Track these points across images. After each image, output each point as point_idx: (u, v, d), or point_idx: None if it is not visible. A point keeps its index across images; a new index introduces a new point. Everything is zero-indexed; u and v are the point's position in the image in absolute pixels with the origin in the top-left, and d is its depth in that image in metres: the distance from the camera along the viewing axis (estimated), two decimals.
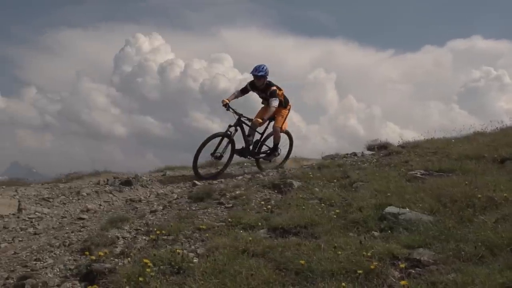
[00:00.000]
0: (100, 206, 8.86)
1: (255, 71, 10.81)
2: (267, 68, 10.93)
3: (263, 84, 10.90)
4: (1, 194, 9.26)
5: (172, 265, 4.29)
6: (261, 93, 11.17)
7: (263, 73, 10.80)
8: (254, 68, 10.84)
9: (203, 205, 6.95)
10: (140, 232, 5.84)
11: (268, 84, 10.94)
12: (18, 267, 5.54)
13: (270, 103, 10.72)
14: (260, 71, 10.78)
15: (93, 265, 4.58)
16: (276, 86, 11.04)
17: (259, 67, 10.82)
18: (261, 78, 10.84)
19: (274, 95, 10.76)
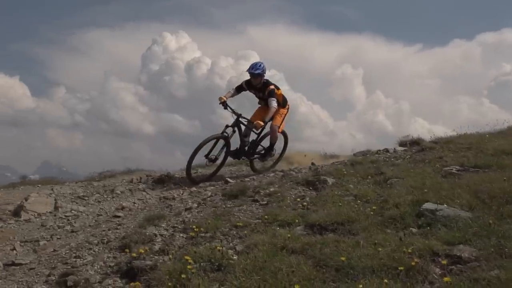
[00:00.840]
0: (135, 204, 8.94)
1: (251, 69, 10.26)
2: (265, 66, 10.43)
3: (260, 83, 10.39)
4: (38, 192, 9.41)
5: (212, 262, 4.32)
6: (258, 92, 10.68)
7: (260, 71, 10.22)
8: (250, 65, 10.34)
9: (237, 202, 6.97)
10: (177, 229, 5.89)
11: (265, 83, 10.43)
12: (59, 264, 5.64)
13: (269, 103, 10.19)
14: (257, 69, 10.21)
15: (134, 262, 4.64)
16: (274, 85, 10.53)
17: (256, 65, 10.30)
18: (258, 77, 10.28)
19: (272, 94, 10.23)
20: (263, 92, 10.40)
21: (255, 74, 10.22)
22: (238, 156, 10.76)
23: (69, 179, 12.87)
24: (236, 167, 12.38)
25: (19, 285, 5.26)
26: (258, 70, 10.19)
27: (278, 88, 10.64)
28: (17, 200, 9.36)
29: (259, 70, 10.19)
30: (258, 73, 10.21)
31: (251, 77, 10.36)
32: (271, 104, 10.10)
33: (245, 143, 10.66)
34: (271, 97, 10.16)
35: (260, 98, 10.80)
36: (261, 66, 10.26)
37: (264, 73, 10.37)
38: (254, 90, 10.67)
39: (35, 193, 9.29)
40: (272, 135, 10.81)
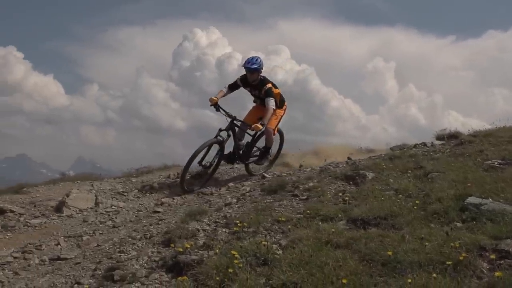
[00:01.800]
0: (173, 200, 9.02)
1: (247, 64, 9.45)
2: (262, 61, 9.58)
3: (256, 79, 9.58)
4: (79, 189, 9.58)
5: (257, 256, 4.35)
6: (254, 90, 9.88)
7: (256, 66, 9.40)
8: (246, 60, 9.57)
9: (277, 197, 6.98)
10: (219, 224, 5.93)
11: (262, 80, 9.61)
12: (104, 259, 5.74)
13: (266, 103, 9.35)
14: (253, 64, 9.39)
15: (179, 257, 4.69)
16: (272, 83, 9.69)
17: (252, 59, 9.45)
18: (254, 72, 9.46)
19: (270, 93, 9.41)
20: (260, 90, 9.65)
21: (251, 69, 9.44)
22: (232, 160, 10.19)
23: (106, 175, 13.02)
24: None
25: (66, 279, 5.37)
26: (255, 65, 9.42)
27: (276, 87, 9.89)
28: (58, 196, 9.55)
29: (256, 65, 9.43)
30: (255, 68, 9.42)
31: (247, 72, 9.59)
32: (268, 104, 9.31)
33: (240, 147, 10.02)
34: (269, 96, 9.39)
35: (255, 97, 10.09)
36: (258, 60, 9.48)
37: (261, 68, 9.59)
38: (249, 88, 9.93)
39: (76, 189, 9.48)
40: (267, 138, 10.10)
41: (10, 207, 8.66)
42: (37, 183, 11.55)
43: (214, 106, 9.57)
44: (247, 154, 10.20)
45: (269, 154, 10.51)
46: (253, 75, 9.49)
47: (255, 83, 9.62)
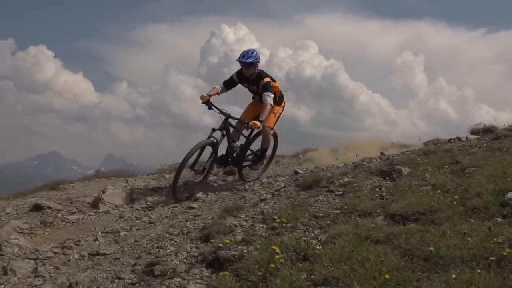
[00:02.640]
0: (208, 196, 9.07)
1: (242, 58, 8.84)
2: (258, 54, 8.96)
3: (253, 74, 9.03)
4: (114, 185, 9.70)
5: (297, 252, 4.35)
6: (251, 85, 9.30)
7: (252, 60, 8.81)
8: (241, 53, 8.91)
9: (312, 193, 6.96)
10: (256, 220, 5.95)
11: (259, 75, 9.06)
12: (143, 254, 5.80)
13: (263, 99, 8.83)
14: (249, 57, 8.80)
15: (219, 252, 4.71)
16: (270, 77, 9.14)
17: (248, 52, 8.85)
18: (250, 67, 8.89)
19: (267, 88, 8.86)
20: (258, 85, 9.08)
21: (246, 64, 8.85)
22: (225, 163, 9.55)
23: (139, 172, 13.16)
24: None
25: (107, 274, 5.45)
26: (250, 59, 8.81)
27: (275, 81, 9.30)
28: (93, 192, 9.70)
29: (251, 58, 8.82)
30: (250, 62, 8.83)
31: (242, 67, 9.03)
32: (266, 99, 8.79)
33: (234, 149, 9.40)
34: (267, 91, 8.85)
35: (254, 93, 9.54)
36: (254, 53, 8.85)
37: (258, 62, 8.97)
38: (247, 83, 9.35)
39: (111, 185, 9.59)
40: (264, 139, 9.51)
41: (47, 203, 8.82)
42: (72, 179, 11.76)
43: (205, 104, 8.95)
44: (242, 157, 9.65)
45: (264, 157, 9.99)
46: (249, 69, 8.94)
47: (252, 78, 9.09)
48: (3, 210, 8.75)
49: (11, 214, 8.57)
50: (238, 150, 9.47)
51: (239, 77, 9.24)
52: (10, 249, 6.80)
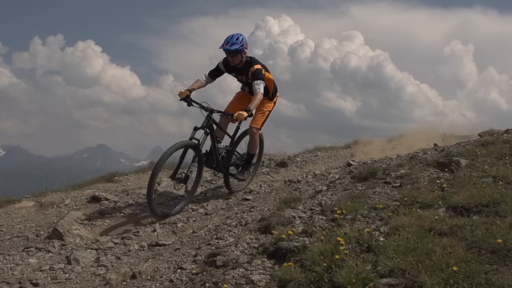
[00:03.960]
0: (261, 188, 9.13)
1: (225, 44, 7.83)
2: (245, 39, 7.95)
3: (241, 62, 8.08)
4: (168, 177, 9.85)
5: (360, 243, 4.35)
6: (239, 75, 8.35)
7: (238, 47, 7.83)
8: (225, 39, 7.88)
9: (369, 184, 6.90)
10: (315, 212, 5.94)
11: (248, 62, 8.13)
12: (203, 245, 5.88)
13: (254, 88, 7.83)
14: (233, 44, 7.82)
15: (280, 243, 4.73)
16: (262, 65, 8.20)
17: (232, 38, 7.83)
18: (236, 54, 7.92)
19: (258, 76, 7.92)
20: (247, 74, 8.16)
21: (231, 51, 7.87)
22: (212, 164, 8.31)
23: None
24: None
25: (168, 264, 5.54)
26: (235, 46, 7.83)
27: (268, 71, 8.38)
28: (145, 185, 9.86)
29: (236, 45, 7.84)
30: (236, 49, 7.85)
31: (227, 55, 8.04)
32: (257, 88, 7.78)
33: (220, 150, 8.28)
34: (257, 79, 7.87)
35: (243, 83, 8.54)
36: (239, 39, 7.83)
37: (245, 48, 7.99)
38: (234, 73, 8.39)
39: (166, 177, 9.73)
40: (250, 141, 8.48)
41: (105, 195, 9.04)
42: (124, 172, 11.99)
43: (184, 100, 7.85)
44: (227, 162, 8.57)
45: (251, 164, 8.92)
46: (235, 58, 7.98)
47: (240, 66, 8.15)
48: (62, 202, 9.00)
49: (70, 205, 8.85)
50: (223, 153, 8.42)
51: (226, 66, 8.29)
52: (72, 240, 6.99)
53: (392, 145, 13.99)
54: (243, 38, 7.84)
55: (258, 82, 7.79)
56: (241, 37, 7.81)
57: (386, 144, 14.55)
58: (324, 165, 11.36)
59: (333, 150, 13.97)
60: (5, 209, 8.79)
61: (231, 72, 8.36)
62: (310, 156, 12.22)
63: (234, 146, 8.67)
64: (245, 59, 8.08)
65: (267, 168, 10.75)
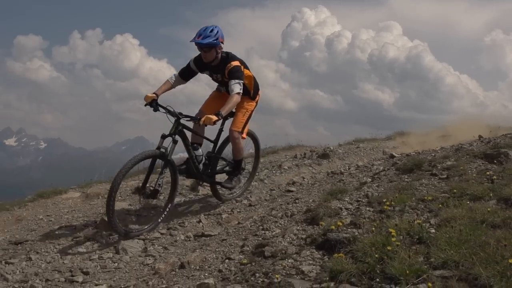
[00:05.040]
0: (304, 179, 9.13)
1: (197, 37, 6.75)
2: (221, 32, 6.89)
3: (215, 58, 7.00)
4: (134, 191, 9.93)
5: (411, 235, 4.32)
6: (214, 73, 7.29)
7: (212, 40, 6.76)
8: (197, 32, 6.81)
9: (415, 176, 6.84)
10: (361, 203, 5.92)
11: (225, 58, 7.07)
12: (249, 236, 5.92)
13: (230, 88, 6.86)
14: (206, 37, 6.74)
15: (329, 234, 4.73)
16: (241, 61, 7.13)
17: (206, 30, 6.77)
18: (210, 49, 6.85)
19: (237, 74, 6.91)
20: (223, 72, 7.11)
21: (203, 45, 6.78)
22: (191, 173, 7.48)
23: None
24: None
25: (216, 254, 5.60)
26: (209, 39, 6.75)
27: (247, 68, 7.34)
28: None
29: (210, 38, 6.75)
30: (209, 43, 6.77)
31: (199, 50, 6.95)
32: (233, 89, 6.79)
33: (198, 158, 7.35)
34: (234, 78, 6.87)
35: (219, 83, 7.50)
36: (214, 31, 6.78)
37: (221, 42, 6.93)
38: (209, 71, 7.32)
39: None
40: (233, 147, 7.55)
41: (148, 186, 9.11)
42: None
43: (149, 105, 6.87)
44: (212, 169, 7.69)
45: (240, 170, 7.88)
46: (208, 53, 6.90)
47: (215, 63, 7.08)
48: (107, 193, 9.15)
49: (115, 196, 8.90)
50: (204, 160, 7.52)
51: (198, 64, 7.22)
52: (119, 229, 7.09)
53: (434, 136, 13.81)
54: (218, 30, 6.82)
55: (235, 82, 6.82)
56: (216, 29, 6.79)
57: (427, 136, 14.39)
58: (366, 157, 11.31)
59: (375, 142, 13.90)
60: (52, 200, 9.01)
61: (204, 71, 7.31)
62: (351, 148, 12.19)
63: (218, 152, 7.73)
64: (221, 55, 7.03)
65: (309, 160, 10.74)
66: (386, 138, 15.12)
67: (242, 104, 7.29)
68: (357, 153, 11.61)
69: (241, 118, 7.35)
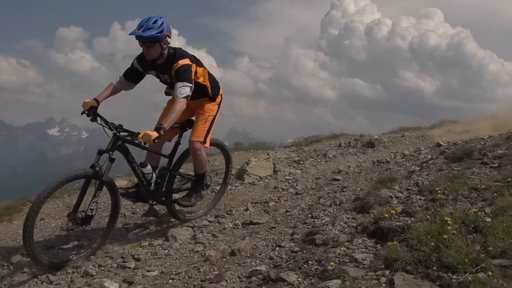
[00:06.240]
0: (349, 168, 9.09)
1: (137, 29, 5.63)
2: (166, 24, 5.74)
3: (161, 56, 5.87)
4: (257, 157, 9.97)
5: (466, 223, 4.27)
6: (162, 74, 6.11)
7: (154, 33, 5.62)
8: (138, 23, 5.68)
9: (465, 165, 6.75)
10: (412, 192, 5.87)
11: (172, 56, 5.91)
12: (298, 224, 5.93)
13: (175, 93, 5.70)
14: (147, 29, 5.60)
15: (381, 223, 4.70)
16: (191, 57, 6.01)
17: (148, 21, 5.63)
18: (153, 44, 5.70)
19: (184, 76, 5.73)
20: (170, 71, 5.92)
21: (143, 38, 5.64)
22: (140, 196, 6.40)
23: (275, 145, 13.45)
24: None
25: (266, 242, 5.62)
26: (151, 31, 5.61)
27: (201, 65, 6.22)
28: (235, 164, 10.02)
29: (152, 30, 5.61)
30: (151, 37, 5.63)
31: (140, 45, 5.76)
32: (178, 94, 5.62)
33: (145, 177, 6.16)
34: (180, 80, 5.71)
35: (167, 84, 6.35)
36: (158, 22, 5.65)
37: (167, 35, 5.78)
38: (154, 71, 6.14)
39: (254, 158, 9.86)
40: (194, 159, 6.46)
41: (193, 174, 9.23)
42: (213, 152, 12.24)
43: (87, 113, 5.71)
44: (167, 188, 6.56)
45: (203, 187, 6.73)
46: (151, 48, 5.76)
47: (161, 62, 5.96)
48: None
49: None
50: (155, 178, 6.29)
51: (142, 62, 6.04)
52: (167, 217, 7.20)
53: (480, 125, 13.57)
54: (163, 21, 5.70)
55: (181, 85, 5.66)
56: (160, 20, 5.67)
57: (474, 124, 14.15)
58: (412, 146, 11.19)
59: (419, 131, 13.75)
60: None
61: (150, 71, 6.15)
62: (396, 137, 12.08)
63: (175, 168, 6.60)
64: (167, 51, 5.91)
65: (353, 148, 10.71)
66: (431, 126, 14.95)
67: (202, 109, 6.33)
68: (402, 142, 11.51)
69: (202, 126, 6.28)
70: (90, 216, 5.54)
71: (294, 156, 10.17)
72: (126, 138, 5.68)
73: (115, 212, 6.04)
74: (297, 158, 10.07)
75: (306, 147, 11.48)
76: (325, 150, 10.65)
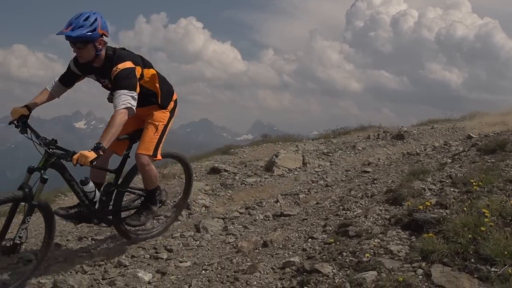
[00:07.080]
0: (379, 160, 9.04)
1: (66, 28, 4.61)
2: (101, 21, 4.75)
3: (97, 58, 4.89)
4: (285, 149, 9.98)
5: (503, 216, 4.22)
6: (102, 78, 5.14)
7: (86, 32, 4.63)
8: (68, 21, 4.66)
9: (498, 157, 6.66)
10: (445, 184, 5.82)
11: (111, 58, 4.92)
12: (330, 216, 5.93)
13: (113, 103, 4.71)
14: (79, 27, 4.61)
15: (415, 215, 4.68)
16: (134, 60, 4.99)
17: (78, 18, 4.65)
18: (85, 45, 4.72)
19: (124, 82, 4.74)
20: (109, 76, 4.90)
21: (72, 38, 4.66)
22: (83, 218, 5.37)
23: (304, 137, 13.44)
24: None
25: (298, 233, 5.63)
26: (82, 30, 4.62)
27: (150, 66, 5.27)
28: (264, 156, 10.06)
29: (83, 28, 4.63)
30: (81, 36, 4.64)
31: (71, 45, 4.76)
32: (117, 104, 4.64)
33: (86, 196, 5.16)
34: (120, 88, 4.72)
35: (108, 89, 5.29)
36: (90, 19, 4.67)
37: (99, 34, 4.76)
38: (94, 75, 5.17)
39: (283, 150, 9.87)
40: (144, 175, 5.55)
41: (224, 166, 9.32)
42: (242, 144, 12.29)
43: (14, 124, 4.87)
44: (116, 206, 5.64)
45: (156, 201, 5.75)
46: (83, 50, 4.77)
47: (99, 65, 4.99)
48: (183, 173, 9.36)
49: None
50: (100, 196, 5.39)
51: (78, 64, 5.09)
52: (198, 209, 7.26)
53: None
54: (97, 18, 4.74)
55: (120, 93, 4.70)
56: (93, 17, 4.71)
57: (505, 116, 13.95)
58: (442, 138, 11.09)
59: (449, 123, 13.61)
60: None
61: (88, 74, 5.23)
62: (426, 129, 11.98)
63: (123, 184, 5.65)
64: (105, 53, 4.95)
65: (383, 140, 10.65)
66: (461, 118, 14.79)
67: (151, 118, 5.45)
68: (432, 134, 11.41)
69: (151, 137, 5.38)
70: (17, 244, 4.66)
71: (323, 148, 10.15)
72: (60, 154, 4.74)
73: (50, 238, 5.05)
74: (326, 150, 10.05)
75: (334, 139, 11.45)
76: (354, 142, 10.62)
